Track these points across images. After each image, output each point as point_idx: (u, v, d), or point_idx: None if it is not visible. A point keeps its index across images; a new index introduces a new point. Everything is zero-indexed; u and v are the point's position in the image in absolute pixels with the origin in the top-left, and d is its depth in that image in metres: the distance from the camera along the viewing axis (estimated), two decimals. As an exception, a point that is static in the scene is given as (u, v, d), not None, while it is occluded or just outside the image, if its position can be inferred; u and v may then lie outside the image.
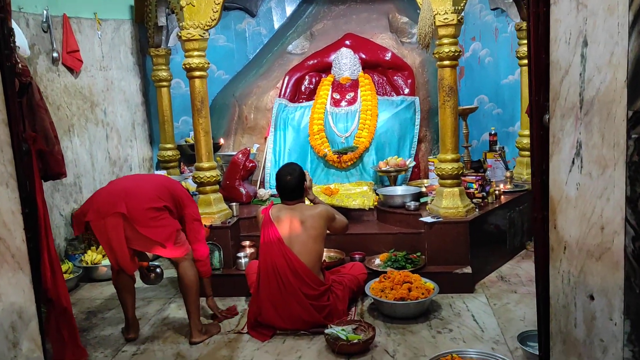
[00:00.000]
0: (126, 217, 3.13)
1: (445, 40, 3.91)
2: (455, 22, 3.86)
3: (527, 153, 5.15)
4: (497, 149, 5.23)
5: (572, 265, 2.16)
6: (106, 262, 4.57)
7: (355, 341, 3.14)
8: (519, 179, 5.09)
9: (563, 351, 2.28)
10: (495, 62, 5.62)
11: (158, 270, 3.82)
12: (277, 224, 3.47)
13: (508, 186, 4.76)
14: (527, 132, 5.14)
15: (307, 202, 3.72)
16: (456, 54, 3.92)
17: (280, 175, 3.55)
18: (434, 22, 3.87)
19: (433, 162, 5.00)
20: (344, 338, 3.16)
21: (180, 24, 4.11)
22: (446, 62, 3.95)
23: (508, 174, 4.89)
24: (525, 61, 4.99)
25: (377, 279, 3.77)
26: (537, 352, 2.85)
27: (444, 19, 3.85)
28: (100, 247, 4.71)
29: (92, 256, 4.59)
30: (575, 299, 2.16)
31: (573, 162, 2.09)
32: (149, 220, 3.17)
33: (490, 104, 5.67)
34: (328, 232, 3.62)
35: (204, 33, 4.12)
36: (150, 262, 3.80)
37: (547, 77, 2.21)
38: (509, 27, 5.51)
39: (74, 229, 3.35)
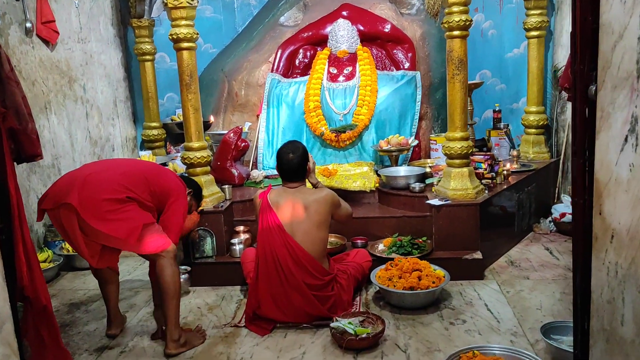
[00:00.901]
0: (77, 209, 2.68)
1: (455, 9, 3.62)
2: (466, -12, 3.56)
3: (534, 130, 4.93)
4: (502, 126, 4.98)
5: (620, 256, 1.91)
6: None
7: (364, 336, 2.89)
8: (525, 157, 4.86)
9: (606, 350, 2.05)
10: (499, 35, 5.33)
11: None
12: (277, 210, 3.19)
13: (515, 165, 4.52)
14: (534, 108, 4.91)
15: (308, 185, 3.43)
16: (467, 24, 3.64)
17: (282, 153, 3.25)
18: (444, -12, 3.58)
19: (435, 140, 4.75)
20: (352, 332, 2.91)
21: (166, -10, 3.76)
22: (456, 33, 3.66)
23: (515, 152, 4.65)
24: (533, 33, 4.77)
25: (383, 267, 3.52)
26: (565, 348, 2.63)
27: (455, -15, 3.56)
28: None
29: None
30: (623, 293, 1.92)
31: (626, 140, 1.83)
32: (105, 213, 2.70)
33: (494, 79, 5.40)
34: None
35: (192, 0, 3.77)
36: None
37: (594, 42, 1.95)
38: (515, -3, 5.22)
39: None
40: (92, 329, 3.32)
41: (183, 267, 3.73)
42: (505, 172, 4.23)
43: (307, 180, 3.37)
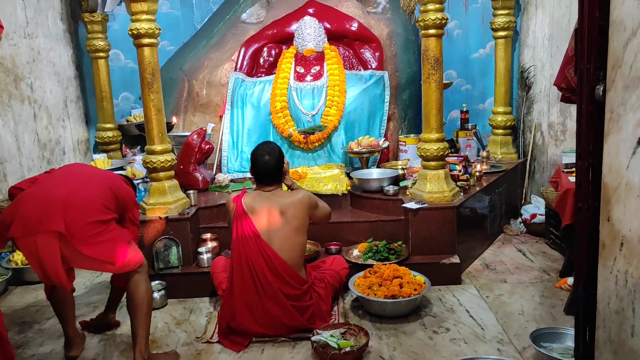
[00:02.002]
0: (63, 235, 2.45)
1: (431, 7, 3.52)
2: (442, -15, 3.47)
3: (501, 131, 4.91)
4: (470, 127, 4.94)
5: (631, 265, 1.83)
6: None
7: (348, 349, 2.74)
8: (494, 158, 4.83)
9: (612, 362, 1.96)
10: (464, 35, 5.29)
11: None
12: (253, 216, 2.99)
13: (485, 167, 4.47)
14: (501, 109, 4.89)
15: (283, 187, 3.25)
16: (443, 22, 3.54)
17: (257, 155, 3.05)
18: (420, -15, 3.48)
19: (404, 141, 4.66)
20: (335, 346, 2.75)
21: (125, -18, 3.50)
22: (432, 31, 3.56)
23: (484, 153, 4.60)
24: (501, 33, 4.74)
25: (361, 274, 3.39)
26: (557, 356, 2.56)
27: (431, -19, 3.46)
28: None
29: (23, 255, 3.93)
30: (633, 303, 1.84)
31: (639, 143, 1.75)
32: (92, 236, 2.49)
33: (459, 80, 5.36)
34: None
35: (154, -7, 3.53)
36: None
37: (603, 40, 1.86)
38: (481, -4, 5.19)
39: None
40: (48, 351, 3.03)
41: (158, 282, 3.49)
42: (477, 173, 4.17)
43: (283, 182, 3.19)
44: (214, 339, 3.04)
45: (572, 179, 3.11)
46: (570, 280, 3.39)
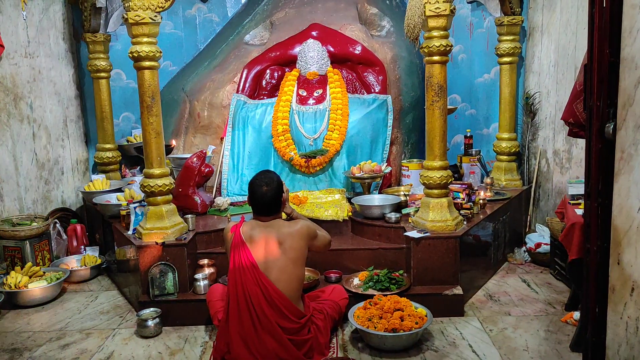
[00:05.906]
0: None
1: (435, 33, 3.48)
2: (447, 12, 3.43)
3: (506, 157, 4.84)
4: (474, 152, 4.87)
5: (642, 311, 1.75)
6: (34, 284, 3.86)
7: (346, 386, 2.65)
8: (498, 185, 4.75)
9: (622, 412, 1.87)
10: (469, 60, 5.25)
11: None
12: (251, 246, 2.91)
13: (489, 194, 4.39)
14: (506, 135, 4.82)
15: (282, 216, 3.18)
16: (447, 49, 3.49)
17: (255, 185, 2.98)
18: (424, 12, 3.43)
19: (407, 166, 4.59)
20: (333, 382, 2.66)
21: (127, 4, 3.46)
22: (436, 58, 3.51)
23: (488, 180, 4.53)
24: (506, 59, 4.69)
25: (362, 305, 3.29)
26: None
27: (435, 8, 3.42)
28: (26, 267, 3.99)
29: (17, 278, 3.86)
30: (644, 351, 1.75)
31: (651, 185, 1.68)
32: None
33: (463, 104, 5.31)
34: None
35: (155, 16, 3.49)
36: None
37: (613, 77, 1.80)
38: (486, 22, 5.14)
39: None
40: (38, 381, 2.95)
41: (153, 310, 3.41)
42: (481, 201, 4.09)
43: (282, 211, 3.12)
44: (208, 372, 2.96)
45: (579, 211, 3.03)
46: (576, 314, 3.29)
